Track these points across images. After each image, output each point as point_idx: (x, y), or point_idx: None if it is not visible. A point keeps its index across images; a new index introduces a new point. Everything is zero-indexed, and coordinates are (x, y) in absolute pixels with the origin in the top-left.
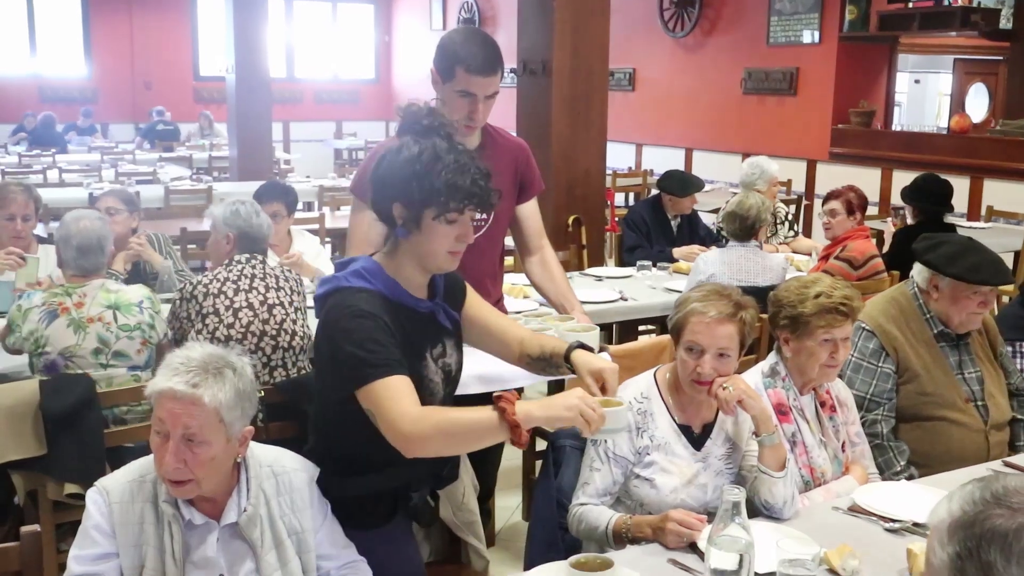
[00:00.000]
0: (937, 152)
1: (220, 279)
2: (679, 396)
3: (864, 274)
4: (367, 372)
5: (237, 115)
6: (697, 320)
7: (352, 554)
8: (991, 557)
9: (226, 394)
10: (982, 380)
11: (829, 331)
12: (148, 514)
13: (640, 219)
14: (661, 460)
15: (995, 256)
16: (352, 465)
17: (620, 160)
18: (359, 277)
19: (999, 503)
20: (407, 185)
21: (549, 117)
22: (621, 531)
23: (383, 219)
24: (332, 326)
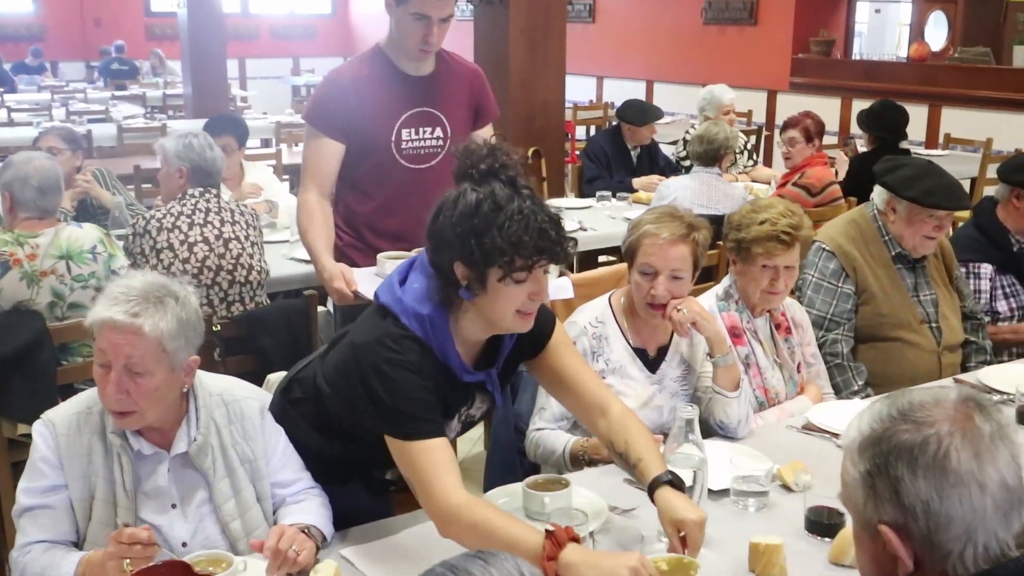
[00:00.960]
0: (896, 80)
1: (174, 213)
2: (634, 320)
3: (822, 201)
4: (407, 428)
5: (191, 52)
6: (650, 242)
7: (309, 480)
8: (899, 472)
9: (168, 323)
10: (937, 302)
11: (769, 258)
12: (96, 446)
13: (600, 150)
14: (616, 383)
15: (953, 180)
16: (331, 427)
17: (581, 93)
18: (419, 323)
19: (905, 418)
20: (466, 243)
21: (507, 48)
22: (578, 454)
23: (443, 279)
24: (370, 363)
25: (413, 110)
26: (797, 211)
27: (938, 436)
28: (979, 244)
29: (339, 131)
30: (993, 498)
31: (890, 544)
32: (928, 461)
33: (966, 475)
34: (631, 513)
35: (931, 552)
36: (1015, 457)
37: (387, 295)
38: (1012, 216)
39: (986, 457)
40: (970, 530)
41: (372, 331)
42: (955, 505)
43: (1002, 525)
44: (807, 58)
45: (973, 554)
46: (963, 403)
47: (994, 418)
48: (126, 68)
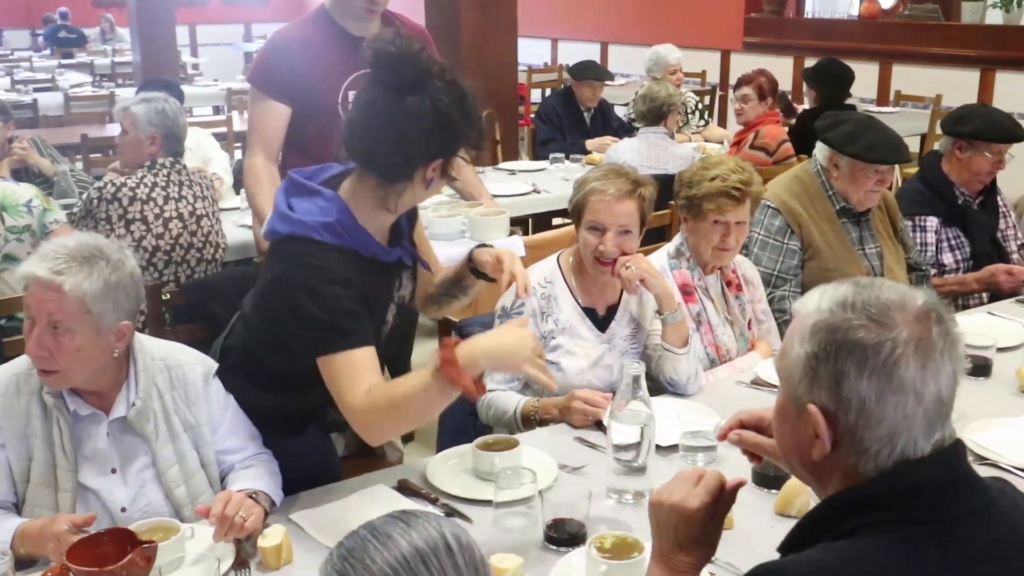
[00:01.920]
0: (848, 39)
1: (148, 184)
2: (583, 278)
3: (778, 158)
4: (336, 341)
5: (139, 18)
6: (597, 199)
7: (257, 446)
8: (846, 367)
9: (92, 284)
10: (882, 255)
11: (720, 213)
12: (34, 407)
13: (552, 112)
14: (566, 343)
15: (893, 135)
16: (274, 382)
17: (536, 55)
18: (331, 232)
19: (868, 315)
20: (453, 139)
21: (458, 10)
22: (529, 414)
23: (392, 175)
24: (299, 283)
25: (360, 71)
26: (747, 167)
27: (894, 342)
28: (925, 197)
29: (284, 93)
30: (925, 409)
31: (815, 425)
32: (877, 364)
33: (909, 384)
34: (581, 471)
35: (851, 444)
36: (956, 372)
37: (287, 225)
38: (956, 168)
39: (931, 370)
40: (894, 434)
41: (289, 259)
42: (889, 410)
43: (924, 434)
44: (760, 17)
45: (888, 454)
46: (926, 312)
47: (950, 332)
48: (74, 36)
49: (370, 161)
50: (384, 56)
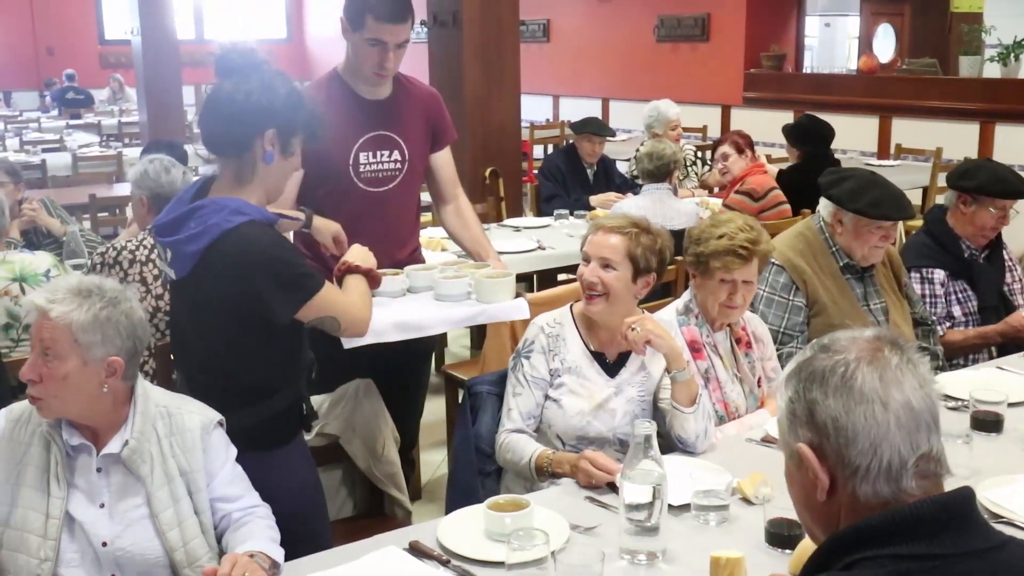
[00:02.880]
0: (847, 93)
1: (147, 245)
2: (594, 327)
3: (766, 205)
4: (315, 283)
5: (145, 79)
6: (591, 232)
7: (255, 499)
8: (813, 395)
9: (81, 315)
10: (887, 310)
11: (728, 272)
12: (39, 436)
13: (556, 168)
14: (570, 382)
15: (897, 190)
16: (254, 392)
17: (538, 112)
18: (239, 214)
19: (825, 349)
20: (290, 114)
21: (461, 70)
22: (543, 465)
23: (234, 149)
24: (258, 262)
25: (371, 133)
26: (756, 226)
27: (846, 361)
28: (931, 251)
29: None
30: (896, 415)
31: (808, 462)
32: (837, 382)
33: (870, 393)
34: (593, 531)
35: (843, 470)
36: (923, 386)
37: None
38: (960, 222)
39: (890, 380)
40: (874, 443)
41: (237, 253)
42: (860, 420)
43: (905, 443)
44: (759, 72)
45: (876, 470)
46: (876, 339)
47: (905, 353)
48: (81, 97)
49: (215, 141)
50: (219, 53)
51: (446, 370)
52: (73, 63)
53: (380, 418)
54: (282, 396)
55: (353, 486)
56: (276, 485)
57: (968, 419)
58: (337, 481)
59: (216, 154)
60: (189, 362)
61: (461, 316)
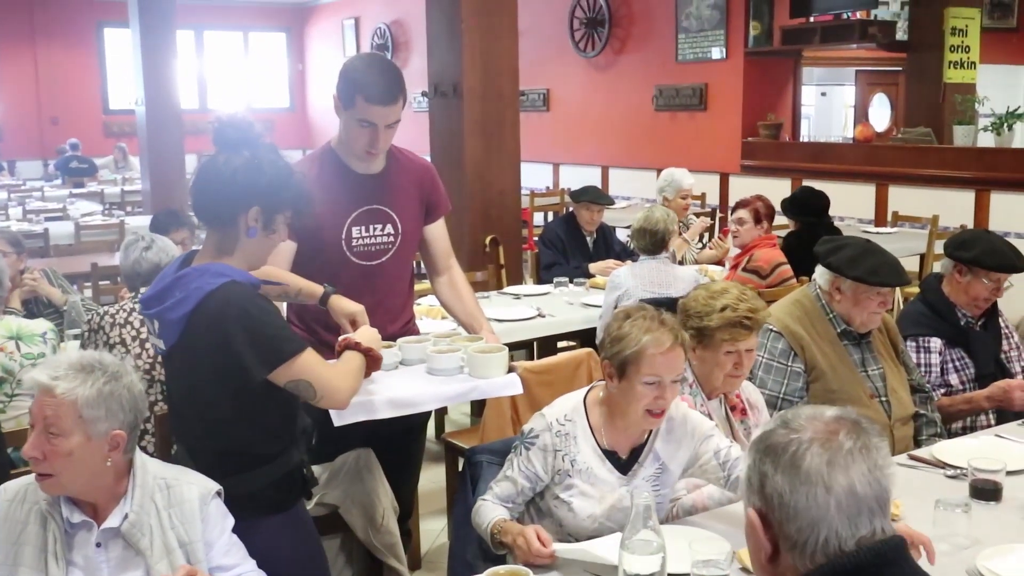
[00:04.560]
0: (843, 161)
1: (127, 309)
2: (612, 421)
3: (773, 282)
4: (294, 347)
5: (149, 148)
6: (654, 352)
7: (250, 566)
8: (765, 467)
9: (86, 391)
10: (885, 376)
11: (733, 344)
12: (34, 515)
13: (555, 236)
14: (581, 484)
15: (892, 258)
16: (252, 459)
17: (538, 180)
18: (219, 275)
19: (785, 425)
20: (275, 193)
21: (462, 139)
22: (495, 532)
23: (220, 222)
24: (236, 319)
25: (363, 208)
26: (750, 293)
27: (799, 441)
28: (927, 319)
29: (291, 230)
30: (837, 500)
31: (754, 528)
32: (787, 460)
33: (815, 476)
34: None
35: (784, 541)
36: (872, 471)
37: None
38: (956, 291)
39: (838, 465)
40: (814, 524)
41: (217, 313)
42: (802, 500)
43: (844, 525)
44: (756, 141)
45: (813, 546)
46: (835, 420)
47: (861, 438)
48: (85, 166)
49: (202, 212)
50: (216, 125)
51: (446, 438)
52: (77, 132)
53: (379, 488)
54: (280, 462)
55: (351, 555)
56: (277, 552)
57: (967, 487)
58: (335, 550)
59: (202, 223)
60: (187, 432)
61: (453, 393)
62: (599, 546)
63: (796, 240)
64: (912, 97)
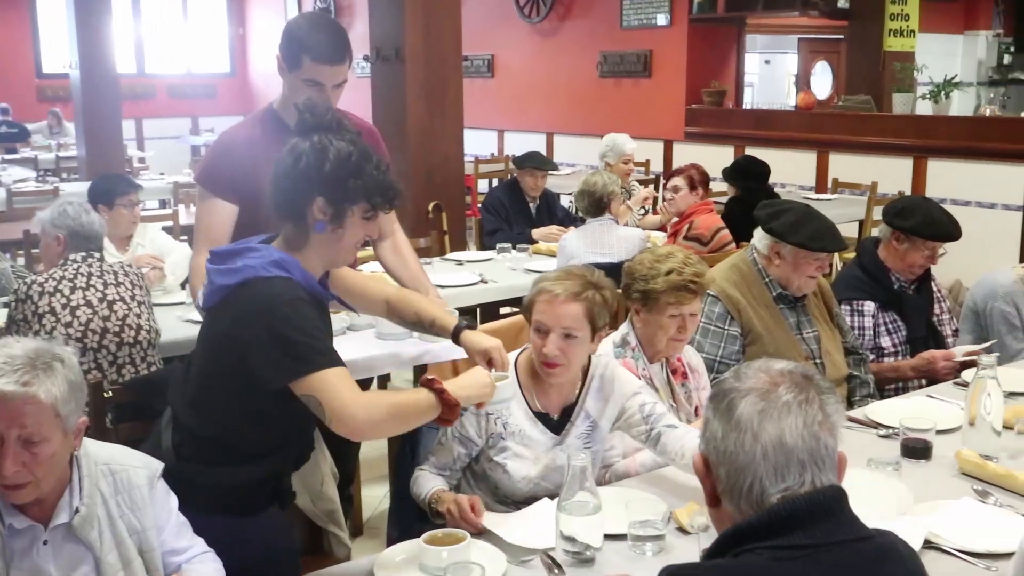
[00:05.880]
0: (785, 128)
1: (55, 278)
2: (537, 379)
3: (714, 247)
4: (316, 359)
5: (84, 113)
6: (543, 299)
7: (201, 546)
8: (709, 412)
9: (60, 388)
10: (819, 339)
11: (678, 307)
12: None
13: (498, 203)
14: (514, 447)
15: (831, 223)
16: (239, 454)
17: (483, 147)
18: (278, 267)
19: (736, 374)
20: (340, 182)
21: (405, 104)
22: (432, 503)
23: (288, 214)
24: (266, 313)
25: None
26: (695, 258)
27: (737, 390)
28: (861, 283)
29: (232, 192)
30: (764, 449)
31: (697, 467)
32: (724, 406)
33: (745, 423)
34: (530, 563)
35: (720, 483)
36: (809, 425)
37: (234, 276)
38: (892, 256)
39: (770, 415)
40: (741, 470)
41: (252, 299)
42: (732, 445)
43: (770, 475)
44: (700, 108)
45: (740, 492)
46: (782, 374)
47: (805, 393)
48: (15, 131)
49: (274, 203)
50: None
51: None
52: (8, 97)
53: (319, 455)
54: (256, 467)
55: (291, 523)
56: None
57: (898, 447)
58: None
59: (277, 216)
60: (183, 395)
61: (407, 357)
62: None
63: (737, 206)
64: (853, 65)
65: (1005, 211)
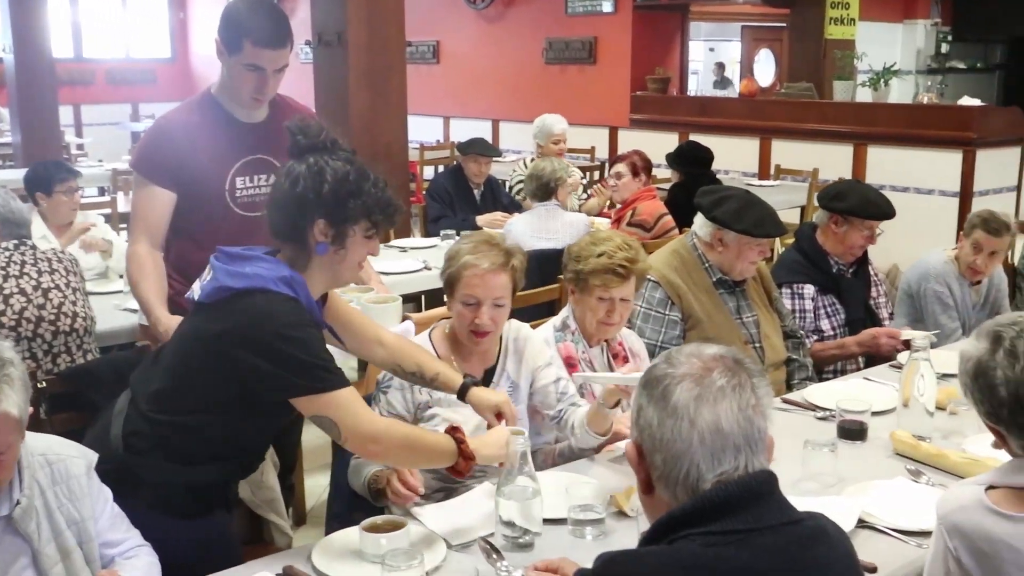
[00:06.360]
0: (729, 115)
1: None
2: (458, 349)
3: (657, 233)
4: (329, 380)
5: (19, 98)
6: (471, 273)
7: (137, 539)
8: (641, 399)
9: (20, 394)
10: (758, 323)
11: (606, 290)
12: None
13: (442, 189)
14: (443, 412)
15: (772, 208)
16: (193, 455)
17: (429, 134)
18: (287, 285)
19: (667, 360)
20: (340, 202)
21: (347, 90)
22: (371, 483)
23: (288, 237)
24: (269, 330)
25: (247, 157)
26: (635, 244)
27: (673, 375)
28: (801, 267)
29: (169, 179)
30: (701, 434)
31: (630, 455)
32: (659, 393)
33: (682, 409)
34: (470, 549)
35: (655, 471)
36: (744, 409)
37: (241, 280)
38: (831, 240)
39: (706, 400)
40: (678, 456)
41: (248, 311)
42: (668, 432)
43: (706, 460)
44: (645, 95)
45: (676, 478)
46: (714, 359)
47: (737, 377)
48: None
49: (272, 226)
50: (291, 134)
51: None
52: None
53: None
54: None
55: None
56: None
57: (835, 428)
58: None
59: (276, 239)
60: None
61: None
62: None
63: (680, 192)
64: (795, 53)
65: (942, 197)
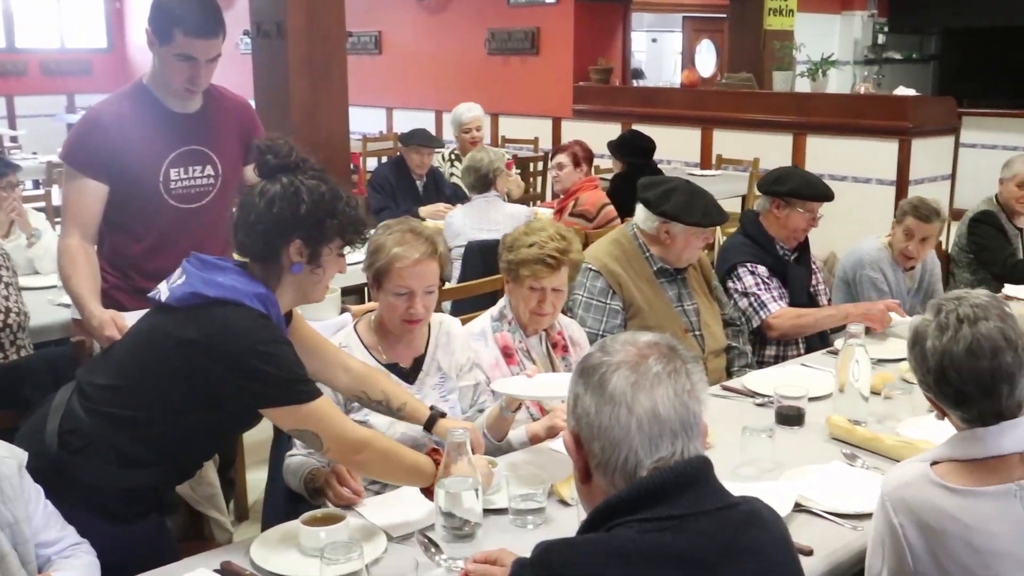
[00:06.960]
0: (671, 106)
1: None
2: (386, 338)
3: (600, 223)
4: (304, 391)
5: None
6: (402, 264)
7: (73, 537)
8: (578, 388)
9: None
10: (699, 311)
11: (537, 280)
12: None
13: (384, 180)
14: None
15: (712, 196)
16: (133, 457)
17: (372, 125)
18: (262, 303)
19: (602, 349)
20: (315, 222)
21: (287, 81)
22: (307, 482)
23: (260, 257)
24: (245, 346)
25: (181, 148)
26: (568, 234)
27: (607, 364)
28: (751, 248)
29: (101, 172)
30: (639, 420)
31: (568, 444)
32: (596, 381)
33: (619, 397)
34: (410, 540)
35: (591, 459)
36: (680, 395)
37: (216, 290)
38: (774, 225)
39: (643, 387)
40: (616, 443)
41: (225, 324)
42: (606, 419)
43: (644, 446)
44: (588, 86)
45: (614, 465)
46: (649, 346)
47: (672, 363)
48: None
49: (242, 246)
50: (257, 154)
51: None
52: None
53: None
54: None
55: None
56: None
57: (773, 414)
58: None
59: (244, 257)
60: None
61: None
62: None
63: (622, 181)
64: (735, 44)
65: (879, 185)
